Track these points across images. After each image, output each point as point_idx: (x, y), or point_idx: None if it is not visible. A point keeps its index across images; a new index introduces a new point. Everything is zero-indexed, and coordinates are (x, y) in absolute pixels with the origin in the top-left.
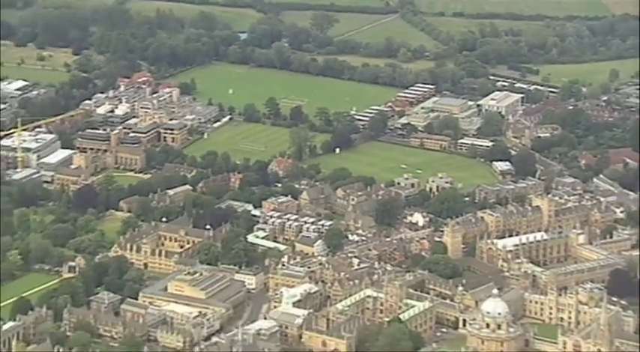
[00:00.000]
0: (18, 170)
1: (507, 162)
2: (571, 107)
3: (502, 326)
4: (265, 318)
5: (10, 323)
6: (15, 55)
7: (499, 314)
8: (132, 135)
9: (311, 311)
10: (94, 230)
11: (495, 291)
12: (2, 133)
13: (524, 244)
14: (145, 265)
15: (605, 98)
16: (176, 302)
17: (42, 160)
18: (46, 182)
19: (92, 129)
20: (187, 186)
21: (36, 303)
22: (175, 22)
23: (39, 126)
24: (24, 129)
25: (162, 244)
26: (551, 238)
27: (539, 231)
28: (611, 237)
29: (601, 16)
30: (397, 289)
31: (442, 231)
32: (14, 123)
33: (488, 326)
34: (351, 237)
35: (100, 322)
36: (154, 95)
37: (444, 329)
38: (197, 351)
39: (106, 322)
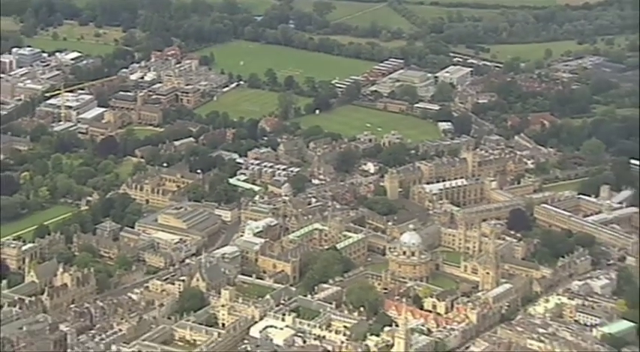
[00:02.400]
0: (60, 123)
1: (449, 123)
2: (509, 79)
3: (415, 254)
4: (230, 245)
5: (29, 245)
6: (77, 32)
7: (413, 244)
8: (154, 96)
9: (268, 240)
10: (111, 172)
11: (411, 226)
12: (49, 94)
13: (447, 188)
14: (147, 201)
15: (537, 72)
16: (163, 231)
17: (80, 116)
18: (81, 133)
19: (124, 91)
20: (191, 139)
21: (53, 229)
22: (206, 7)
23: (82, 89)
24: (67, 91)
25: (164, 184)
26: (469, 184)
27: (462, 178)
28: (518, 183)
29: (547, 5)
30: (338, 223)
31: None
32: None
33: (404, 253)
34: (314, 181)
35: (101, 245)
36: (178, 65)
37: (369, 257)
38: (172, 270)
39: (106, 245)
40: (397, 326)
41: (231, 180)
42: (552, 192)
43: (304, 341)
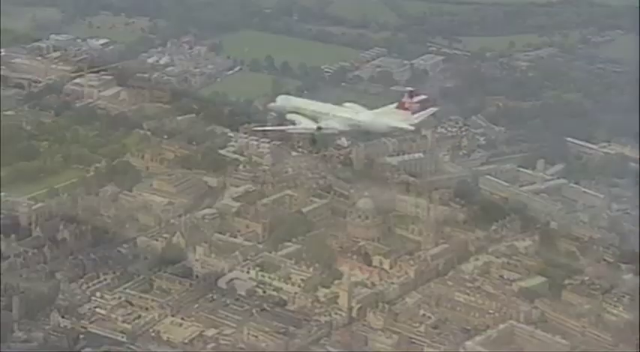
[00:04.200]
0: (83, 100)
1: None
2: (474, 66)
3: (369, 217)
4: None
5: (40, 204)
6: (109, 21)
7: (367, 208)
8: (166, 78)
9: (244, 203)
10: (120, 142)
11: (366, 193)
12: (74, 74)
13: (405, 161)
14: (147, 168)
15: (500, 61)
16: (156, 194)
17: (100, 93)
18: (100, 109)
19: (141, 73)
20: (192, 114)
21: (62, 191)
22: (221, 1)
23: (105, 70)
24: (92, 72)
25: (163, 154)
26: (425, 157)
27: (421, 152)
28: (469, 157)
29: (516, 3)
30: (305, 190)
31: None
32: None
33: (360, 216)
34: (293, 153)
35: (101, 206)
36: (190, 51)
37: (332, 219)
38: (158, 228)
39: (105, 206)
40: None
41: (221, 151)
42: (497, 165)
43: (264, 292)
